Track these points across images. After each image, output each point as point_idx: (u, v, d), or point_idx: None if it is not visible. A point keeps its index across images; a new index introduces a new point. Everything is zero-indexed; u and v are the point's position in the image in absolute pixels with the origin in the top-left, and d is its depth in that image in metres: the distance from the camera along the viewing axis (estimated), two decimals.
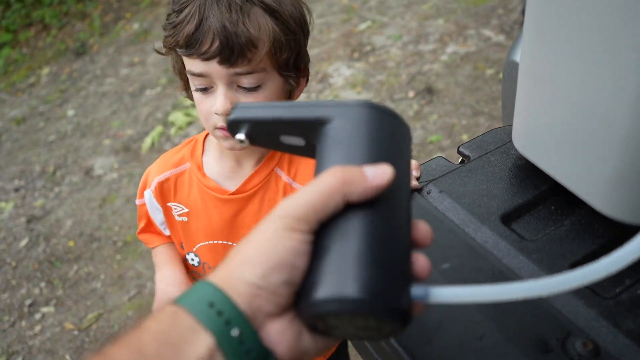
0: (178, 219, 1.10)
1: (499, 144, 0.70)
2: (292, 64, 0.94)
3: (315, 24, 5.03)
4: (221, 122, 0.93)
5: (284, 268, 0.40)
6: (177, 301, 0.41)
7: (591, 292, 0.50)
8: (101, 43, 5.55)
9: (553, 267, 0.53)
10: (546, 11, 0.54)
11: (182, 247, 1.15)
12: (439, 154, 3.00)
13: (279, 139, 0.49)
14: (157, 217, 1.14)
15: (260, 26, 0.87)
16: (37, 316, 2.63)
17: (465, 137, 3.08)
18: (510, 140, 0.70)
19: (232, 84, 0.91)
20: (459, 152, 0.73)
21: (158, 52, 1.00)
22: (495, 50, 3.75)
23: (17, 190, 3.67)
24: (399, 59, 3.97)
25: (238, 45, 0.86)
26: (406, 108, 3.40)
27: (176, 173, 1.10)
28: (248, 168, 1.06)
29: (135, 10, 6.05)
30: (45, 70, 5.43)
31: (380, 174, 0.41)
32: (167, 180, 1.10)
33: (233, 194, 1.04)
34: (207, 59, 0.87)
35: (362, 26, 4.63)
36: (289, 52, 0.92)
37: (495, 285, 0.41)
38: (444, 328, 0.49)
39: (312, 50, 4.44)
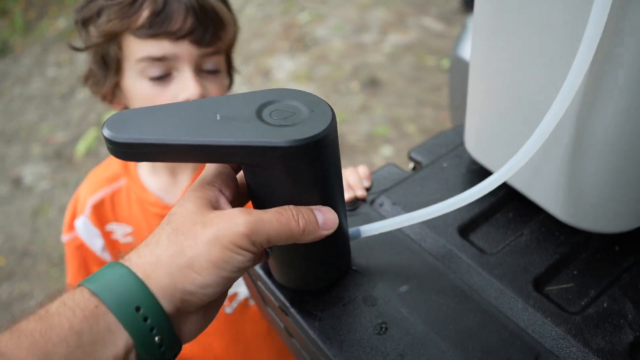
0: (123, 240, 0.99)
1: (451, 148, 0.67)
2: (233, 49, 0.93)
3: (256, 15, 4.93)
4: None
5: (227, 282, 0.40)
6: (96, 291, 0.37)
7: (557, 307, 0.47)
8: (25, 42, 5.20)
9: (517, 283, 0.49)
10: (494, 11, 0.50)
11: None
12: (385, 146, 2.99)
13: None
14: (96, 243, 1.01)
15: (220, 7, 0.83)
16: None
17: (411, 128, 3.08)
18: (462, 144, 0.66)
19: (198, 67, 0.84)
20: (410, 158, 0.69)
21: (76, 48, 0.87)
22: (436, 39, 3.78)
23: None
24: (342, 51, 3.93)
25: (212, 22, 0.80)
26: (351, 100, 3.37)
27: (112, 191, 0.98)
28: (185, 178, 0.97)
29: (61, 5, 5.69)
30: None
31: (330, 220, 0.43)
32: (102, 200, 0.98)
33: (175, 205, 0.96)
34: (178, 38, 0.78)
35: (302, 17, 4.56)
36: (235, 42, 0.90)
37: (407, 214, 0.49)
38: (406, 358, 0.44)
39: (253, 44, 4.33)
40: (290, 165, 0.40)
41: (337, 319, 0.49)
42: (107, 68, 0.86)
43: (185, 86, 0.81)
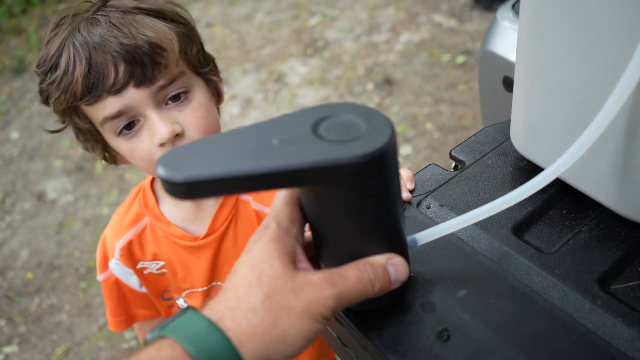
0: (158, 272, 0.99)
1: (494, 145, 0.65)
2: (202, 59, 0.86)
3: (265, 22, 4.94)
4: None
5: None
6: (194, 354, 0.37)
7: (626, 307, 0.45)
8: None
9: (581, 282, 0.47)
10: (544, 4, 0.48)
11: (162, 297, 1.04)
12: (404, 145, 2.97)
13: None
14: (132, 281, 1.02)
15: (154, 28, 0.77)
16: (0, 357, 2.46)
17: (428, 126, 3.06)
18: (506, 140, 0.65)
19: (160, 104, 0.79)
20: (452, 157, 0.67)
21: (53, 131, 0.87)
22: (449, 36, 3.75)
23: None
24: (354, 52, 3.92)
25: (146, 55, 0.75)
26: (366, 101, 3.35)
27: (137, 232, 0.98)
28: (210, 205, 0.96)
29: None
30: None
31: (401, 275, 0.45)
32: (129, 243, 0.98)
33: (204, 237, 0.94)
34: (120, 90, 0.75)
35: (313, 21, 4.55)
36: (194, 45, 0.84)
37: (461, 217, 0.49)
38: None
39: (264, 50, 4.34)
40: (358, 181, 0.38)
41: (396, 327, 0.48)
42: (87, 138, 0.86)
43: (154, 130, 0.78)
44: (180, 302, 1.03)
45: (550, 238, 0.54)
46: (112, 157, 0.89)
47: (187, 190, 0.37)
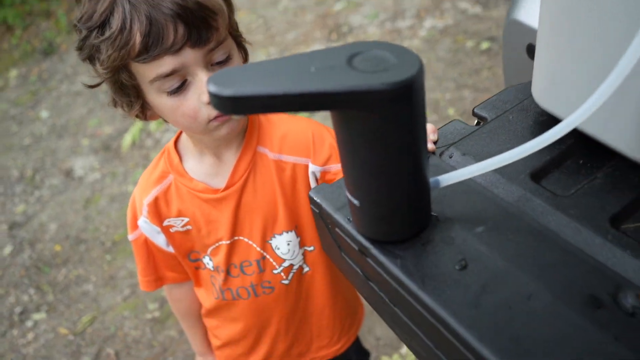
0: (182, 229, 1.04)
1: (516, 102, 0.68)
2: (237, 26, 0.91)
3: (290, 7, 4.96)
4: (215, 111, 0.84)
5: None
6: None
7: (636, 242, 0.48)
8: (69, 41, 5.38)
9: (593, 221, 0.50)
10: None
11: (189, 258, 1.08)
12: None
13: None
14: (159, 239, 1.07)
15: None
16: (29, 324, 2.56)
17: (451, 112, 3.06)
18: (527, 98, 0.67)
19: (207, 65, 0.82)
20: (475, 114, 0.70)
21: (90, 85, 0.88)
22: (474, 22, 3.73)
23: None
24: (378, 37, 3.92)
25: (202, 18, 0.77)
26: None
27: (163, 189, 1.02)
28: (230, 159, 0.99)
29: None
30: (13, 73, 5.26)
31: None
32: (155, 199, 1.02)
33: (224, 190, 0.98)
34: (178, 50, 0.77)
35: (338, 6, 4.56)
36: (233, 10, 0.88)
37: (482, 162, 0.51)
38: (488, 291, 0.46)
39: (289, 34, 4.37)
40: (391, 110, 0.42)
41: (418, 257, 0.51)
42: (127, 94, 0.87)
43: (203, 89, 0.81)
44: (206, 261, 1.07)
45: (566, 184, 0.57)
46: (145, 113, 0.92)
47: (232, 104, 0.41)
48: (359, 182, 0.49)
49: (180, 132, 1.04)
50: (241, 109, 0.41)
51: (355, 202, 0.51)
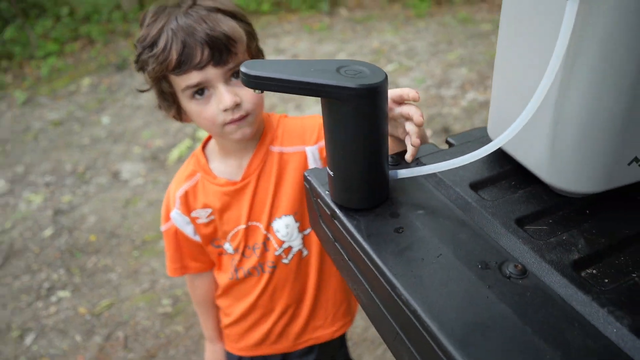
0: (206, 220, 1.23)
1: (479, 137, 0.86)
2: (258, 52, 1.13)
3: None
4: (230, 116, 1.05)
5: None
6: None
7: (529, 237, 0.65)
8: None
9: (502, 219, 0.68)
10: (510, 27, 0.71)
11: (212, 244, 1.27)
12: None
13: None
14: (188, 229, 1.26)
15: (229, 25, 1.03)
16: (54, 299, 2.78)
17: None
18: (486, 135, 0.86)
19: (227, 80, 1.05)
20: (447, 142, 0.89)
21: (141, 90, 1.14)
22: None
23: (47, 185, 3.89)
24: (421, 100, 4.16)
25: (224, 45, 1.00)
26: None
27: (192, 185, 1.23)
28: (246, 159, 1.20)
29: None
30: (87, 81, 5.77)
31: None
32: (186, 193, 1.23)
33: (240, 181, 1.19)
34: (203, 67, 1.01)
35: (390, 67, 4.87)
36: (254, 40, 1.10)
37: (429, 165, 0.72)
38: (411, 248, 0.64)
39: None
40: (357, 103, 0.62)
41: (369, 222, 0.69)
42: (167, 99, 1.11)
43: (221, 99, 1.03)
44: (227, 247, 1.26)
45: (495, 195, 0.74)
46: (181, 116, 1.16)
47: (255, 82, 0.62)
48: (333, 156, 0.69)
49: (206, 141, 1.27)
50: (260, 85, 0.63)
51: (331, 173, 0.70)
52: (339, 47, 5.63)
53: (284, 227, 1.21)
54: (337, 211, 0.72)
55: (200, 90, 1.05)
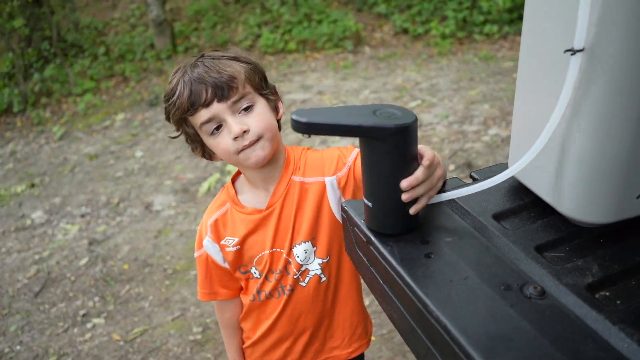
0: (233, 249, 1.34)
1: (500, 171, 0.95)
2: (264, 85, 1.25)
3: (369, 97, 5.41)
4: (243, 142, 1.16)
5: None
6: None
7: (548, 262, 0.73)
8: None
9: (523, 246, 0.75)
10: (528, 74, 0.80)
11: (240, 271, 1.37)
12: None
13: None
14: (218, 257, 1.35)
15: (231, 66, 1.18)
16: (89, 325, 2.88)
17: None
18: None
19: (234, 112, 1.18)
20: (471, 177, 0.97)
21: (172, 137, 1.30)
22: None
23: (83, 216, 4.06)
24: (444, 136, 4.26)
25: (224, 82, 1.15)
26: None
27: (221, 214, 1.34)
28: (271, 189, 1.31)
29: None
30: (120, 116, 6.04)
31: None
32: (216, 221, 1.33)
33: (266, 209, 1.29)
34: (209, 104, 1.15)
35: (413, 104, 4.99)
36: (257, 75, 1.23)
37: (446, 193, 0.84)
38: (440, 271, 0.72)
39: None
40: (393, 140, 0.72)
41: (403, 248, 0.78)
42: (192, 140, 1.26)
43: (230, 129, 1.15)
44: (253, 271, 1.35)
45: (516, 225, 0.82)
46: (208, 154, 1.29)
47: (305, 127, 0.72)
48: (370, 188, 0.78)
49: (236, 175, 1.38)
50: (310, 130, 0.73)
51: (369, 203, 0.79)
52: (363, 84, 5.79)
53: (303, 252, 1.30)
54: (372, 238, 0.81)
55: (217, 127, 1.18)
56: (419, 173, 0.80)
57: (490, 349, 0.61)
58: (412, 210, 0.81)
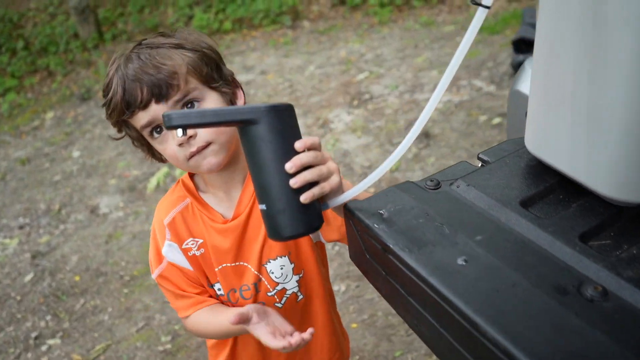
0: (197, 253, 1.14)
1: (512, 151, 0.84)
2: (216, 77, 1.05)
3: (315, 73, 5.27)
4: (188, 149, 0.99)
5: None
6: None
7: (597, 253, 0.63)
8: None
9: (565, 237, 0.65)
10: (546, 50, 0.69)
11: (209, 282, 1.17)
12: None
13: None
14: (185, 263, 1.15)
15: (172, 57, 1.00)
16: (44, 348, 2.65)
17: None
18: (522, 148, 0.84)
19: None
20: (479, 159, 0.86)
21: (114, 138, 1.11)
22: (487, 99, 3.99)
23: (21, 227, 3.73)
24: (396, 107, 4.19)
25: (162, 79, 0.97)
26: (405, 151, 3.57)
27: (181, 209, 1.14)
28: (235, 194, 1.13)
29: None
30: (50, 114, 5.59)
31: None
32: (174, 218, 1.13)
33: (231, 220, 1.11)
34: (146, 106, 0.98)
35: (361, 76, 4.88)
36: (207, 65, 1.04)
37: (359, 184, 0.78)
38: (482, 279, 0.61)
39: (313, 98, 4.66)
40: (268, 120, 0.74)
41: (430, 255, 0.66)
42: (139, 142, 1.09)
43: (173, 134, 0.99)
44: (217, 287, 1.16)
45: (547, 211, 0.72)
46: (158, 156, 1.11)
47: (178, 117, 0.73)
48: (259, 188, 0.78)
49: None
50: (182, 120, 0.73)
51: (262, 207, 0.78)
52: (307, 59, 5.62)
53: (279, 269, 1.14)
54: (392, 246, 0.68)
55: (157, 127, 1.01)
56: (302, 155, 0.76)
57: None
58: (303, 197, 0.75)
